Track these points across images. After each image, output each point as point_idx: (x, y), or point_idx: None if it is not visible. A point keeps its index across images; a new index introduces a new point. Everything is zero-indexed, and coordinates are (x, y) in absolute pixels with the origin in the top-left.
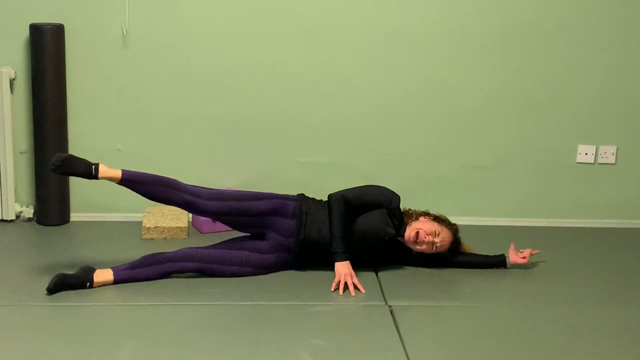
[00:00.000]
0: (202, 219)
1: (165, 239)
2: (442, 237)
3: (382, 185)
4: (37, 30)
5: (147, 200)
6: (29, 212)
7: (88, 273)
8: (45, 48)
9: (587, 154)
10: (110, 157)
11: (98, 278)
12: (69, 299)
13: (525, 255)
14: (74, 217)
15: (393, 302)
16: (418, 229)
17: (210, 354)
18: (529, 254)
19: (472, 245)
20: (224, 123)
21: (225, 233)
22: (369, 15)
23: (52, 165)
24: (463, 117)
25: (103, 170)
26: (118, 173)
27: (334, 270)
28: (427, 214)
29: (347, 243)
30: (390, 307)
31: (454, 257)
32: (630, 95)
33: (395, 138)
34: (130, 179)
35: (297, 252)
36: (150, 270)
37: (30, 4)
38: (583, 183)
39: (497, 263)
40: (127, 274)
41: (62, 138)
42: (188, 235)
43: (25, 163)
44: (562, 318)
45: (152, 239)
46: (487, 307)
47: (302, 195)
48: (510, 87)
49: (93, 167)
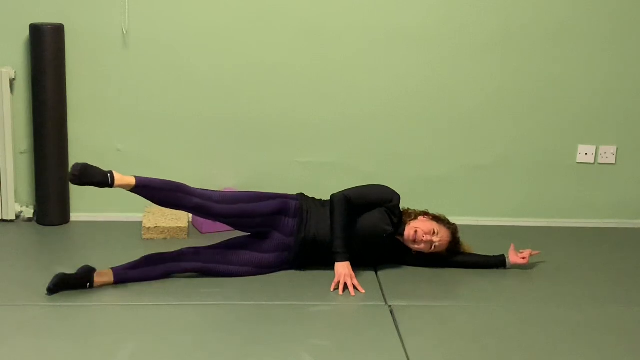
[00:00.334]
0: (202, 219)
1: (165, 239)
2: (440, 236)
3: (382, 184)
4: (37, 30)
5: (146, 201)
6: (29, 212)
7: (88, 273)
8: (45, 48)
9: (587, 154)
10: (110, 157)
11: (98, 278)
12: (69, 299)
13: (525, 256)
14: (74, 217)
15: (393, 302)
16: (416, 228)
17: (210, 354)
18: (529, 255)
19: (472, 245)
20: (224, 123)
21: (225, 233)
22: (369, 15)
23: (70, 176)
24: (463, 117)
25: (118, 178)
26: (132, 180)
27: (334, 271)
28: (426, 214)
29: (347, 243)
30: (390, 307)
31: (454, 257)
32: (630, 95)
33: (395, 138)
34: (144, 185)
35: (297, 251)
36: (151, 271)
37: (30, 4)
38: (583, 183)
39: (496, 263)
40: (127, 274)
41: (62, 138)
42: (188, 235)
43: (25, 163)
44: (562, 318)
45: (152, 239)
46: (487, 307)
47: (302, 195)
48: (510, 87)
49: (109, 175)
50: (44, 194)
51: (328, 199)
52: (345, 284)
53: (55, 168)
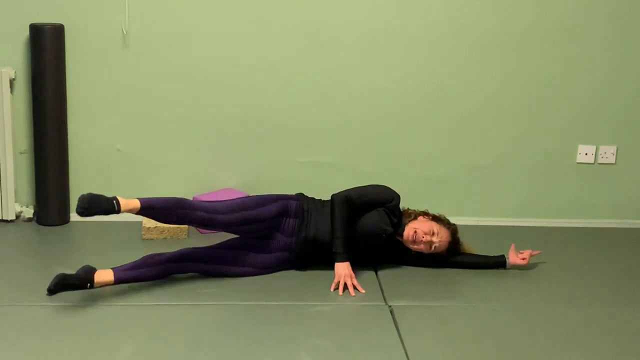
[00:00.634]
0: None
1: (165, 239)
2: (440, 236)
3: (383, 185)
4: (37, 30)
5: None
6: (29, 212)
7: (88, 273)
8: (45, 48)
9: (587, 154)
10: (110, 157)
11: (98, 278)
12: (69, 299)
13: (525, 257)
14: (74, 217)
15: (393, 302)
16: (416, 229)
17: (210, 354)
18: (529, 256)
19: (471, 246)
20: (224, 123)
21: (225, 233)
22: (369, 15)
23: (79, 209)
24: (463, 117)
25: (124, 204)
26: (137, 203)
27: (334, 271)
28: (426, 214)
29: (347, 244)
30: (390, 307)
31: (453, 257)
32: (630, 95)
33: (395, 138)
34: (149, 207)
35: (298, 251)
36: (151, 271)
37: (30, 4)
38: (583, 183)
39: (496, 264)
40: (127, 274)
41: (62, 138)
42: (188, 236)
43: (25, 163)
44: (562, 318)
45: (152, 239)
46: (487, 307)
47: (301, 195)
48: (510, 87)
49: (115, 202)
50: (44, 194)
51: (328, 199)
52: (345, 284)
53: (55, 168)
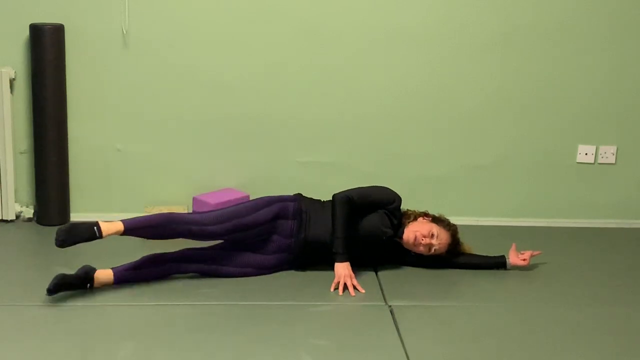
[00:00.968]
0: None
1: (166, 240)
2: (439, 239)
3: (384, 186)
4: (37, 30)
5: (146, 200)
6: (29, 212)
7: (88, 273)
8: (45, 48)
9: (587, 154)
10: (110, 157)
11: (98, 278)
12: (69, 299)
13: (526, 258)
14: (74, 217)
15: (393, 302)
16: (415, 231)
17: (210, 354)
18: (530, 256)
19: (471, 246)
20: (224, 123)
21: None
22: (369, 15)
23: (56, 242)
24: (463, 117)
25: (105, 229)
26: (120, 226)
27: (334, 271)
28: (426, 215)
29: (347, 244)
30: (390, 307)
31: (454, 258)
32: (630, 95)
33: (395, 138)
34: (133, 228)
35: (297, 252)
36: (151, 271)
37: (30, 4)
38: (583, 183)
39: (496, 264)
40: (127, 274)
41: (62, 138)
42: None
43: (25, 163)
44: (562, 318)
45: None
46: (487, 307)
47: (299, 195)
48: (510, 87)
49: (95, 228)
50: (44, 194)
51: (328, 199)
52: (345, 284)
53: (55, 168)
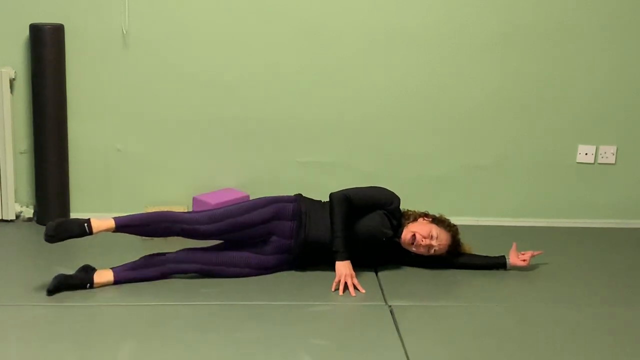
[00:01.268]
0: None
1: (165, 240)
2: (439, 239)
3: (382, 187)
4: (37, 30)
5: (146, 200)
6: (29, 212)
7: (88, 273)
8: (45, 48)
9: (587, 154)
10: (111, 157)
11: (98, 278)
12: (69, 299)
13: (526, 258)
14: (74, 217)
15: (393, 302)
16: (414, 232)
17: (210, 354)
18: (530, 257)
19: (472, 246)
20: (224, 123)
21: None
22: (369, 15)
23: (45, 237)
24: (463, 117)
25: (96, 225)
26: (111, 223)
27: (335, 270)
28: (426, 215)
29: (348, 243)
30: (390, 307)
31: (454, 258)
32: (630, 95)
33: (395, 138)
34: (125, 225)
35: (297, 252)
36: (151, 271)
37: (30, 4)
38: (583, 183)
39: (496, 265)
40: (127, 275)
41: (62, 138)
42: None
43: (25, 163)
44: (562, 318)
45: (152, 239)
46: (487, 307)
47: (300, 196)
48: (510, 87)
49: (86, 225)
50: (44, 194)
51: (328, 200)
52: (346, 284)
53: (55, 168)
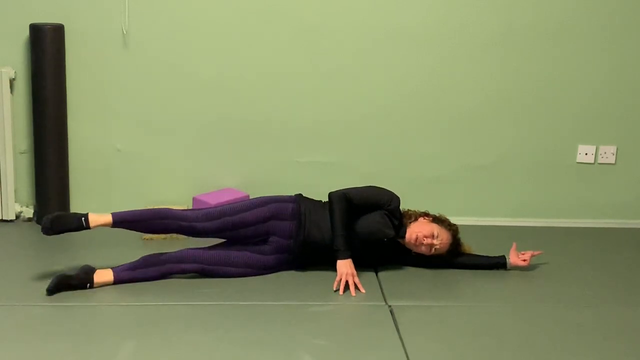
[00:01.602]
0: None
1: (165, 239)
2: (440, 239)
3: (381, 187)
4: (37, 30)
5: (146, 200)
6: (29, 212)
7: (88, 273)
8: (45, 48)
9: (587, 154)
10: (110, 157)
11: (98, 278)
12: (69, 299)
13: (526, 258)
14: None
15: (393, 302)
16: (416, 232)
17: (210, 354)
18: (530, 257)
19: (472, 246)
20: (224, 123)
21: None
22: (369, 15)
23: (42, 229)
24: (463, 117)
25: (94, 220)
26: (108, 218)
27: (336, 269)
28: (426, 215)
29: (348, 241)
30: (390, 307)
31: (454, 258)
32: (630, 95)
33: (395, 138)
34: (122, 220)
35: (297, 253)
36: (151, 271)
37: (30, 4)
38: (583, 183)
39: (497, 265)
40: (127, 275)
41: (62, 138)
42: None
43: (25, 163)
44: (562, 318)
45: (151, 239)
46: (487, 307)
47: (300, 196)
48: (510, 87)
49: (83, 219)
50: (44, 194)
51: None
52: (347, 283)
53: (55, 168)
